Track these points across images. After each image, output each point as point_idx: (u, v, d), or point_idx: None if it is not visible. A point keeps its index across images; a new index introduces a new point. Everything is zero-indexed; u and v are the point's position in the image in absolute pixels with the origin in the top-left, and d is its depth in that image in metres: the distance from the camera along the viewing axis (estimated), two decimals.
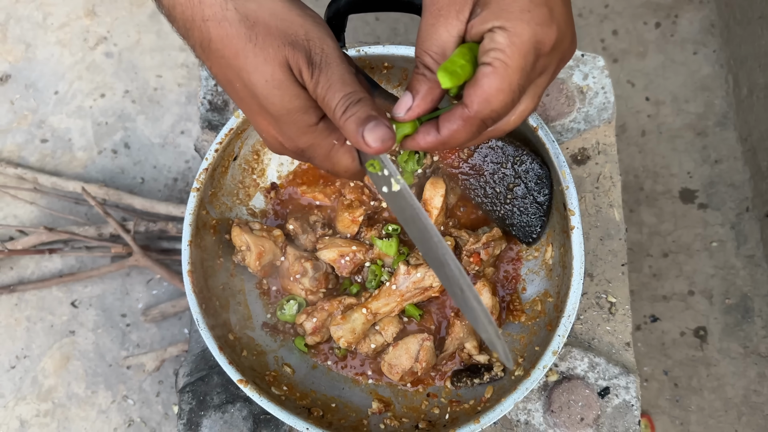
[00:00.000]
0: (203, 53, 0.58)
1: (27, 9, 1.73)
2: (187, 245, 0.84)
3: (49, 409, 1.44)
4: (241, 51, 0.56)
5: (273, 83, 0.56)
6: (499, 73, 0.53)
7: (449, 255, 0.58)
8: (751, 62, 1.47)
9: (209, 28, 0.56)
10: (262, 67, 0.56)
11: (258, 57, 0.55)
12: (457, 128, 0.56)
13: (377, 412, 0.85)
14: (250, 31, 0.55)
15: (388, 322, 0.88)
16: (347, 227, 0.93)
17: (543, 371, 0.78)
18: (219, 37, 0.56)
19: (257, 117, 0.60)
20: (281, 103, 0.57)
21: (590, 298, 0.96)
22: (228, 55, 0.56)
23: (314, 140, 0.59)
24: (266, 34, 0.55)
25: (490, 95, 0.53)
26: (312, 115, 0.58)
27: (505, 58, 0.52)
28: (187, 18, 0.57)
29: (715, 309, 1.43)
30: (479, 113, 0.54)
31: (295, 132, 0.59)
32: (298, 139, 0.59)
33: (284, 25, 0.56)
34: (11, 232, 1.53)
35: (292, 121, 0.58)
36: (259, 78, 0.56)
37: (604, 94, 1.02)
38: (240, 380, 0.79)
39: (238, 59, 0.56)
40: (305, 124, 0.58)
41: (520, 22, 0.52)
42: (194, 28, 0.57)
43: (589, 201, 0.99)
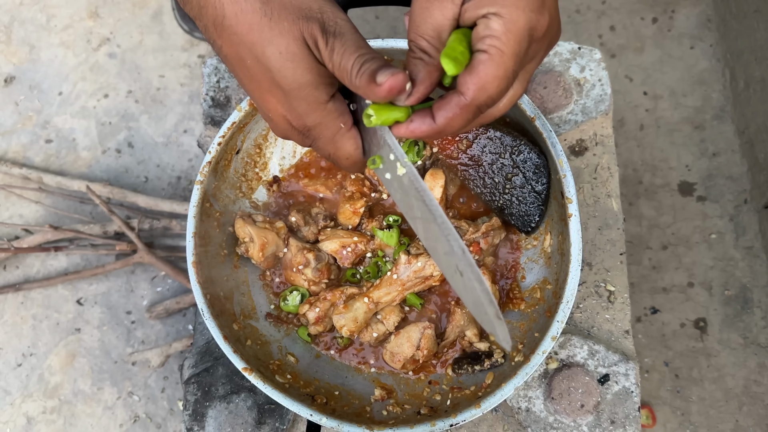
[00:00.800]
0: (216, 31, 0.59)
1: (31, 11, 1.75)
2: (192, 237, 0.85)
3: (56, 405, 1.46)
4: (256, 25, 0.56)
5: (287, 56, 0.57)
6: (495, 60, 0.53)
7: (453, 235, 0.58)
8: (748, 56, 1.48)
9: (224, 5, 0.57)
10: (277, 39, 0.56)
11: (273, 30, 0.56)
12: (453, 116, 0.56)
13: (380, 399, 0.86)
14: (265, 5, 0.56)
15: (389, 311, 0.89)
16: (349, 219, 0.94)
17: (542, 356, 0.79)
18: (233, 13, 0.57)
19: (266, 95, 0.60)
20: (294, 76, 0.57)
21: (589, 286, 0.97)
22: (241, 30, 0.57)
23: (322, 119, 0.60)
24: (281, 9, 0.56)
25: (486, 82, 0.54)
26: (323, 92, 0.59)
27: (501, 45, 0.53)
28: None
29: (715, 300, 1.44)
30: (475, 100, 0.55)
31: (305, 108, 0.59)
32: (306, 116, 0.60)
33: (298, 1, 0.57)
34: (17, 231, 1.55)
35: (303, 96, 0.58)
36: (273, 50, 0.57)
37: (601, 86, 1.03)
38: (245, 368, 0.80)
39: (252, 34, 0.57)
40: (315, 100, 0.59)
41: (516, 8, 0.53)
42: (208, 6, 0.58)
43: (587, 191, 1.00)
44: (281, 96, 0.59)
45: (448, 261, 0.59)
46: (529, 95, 1.01)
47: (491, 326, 0.59)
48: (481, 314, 0.60)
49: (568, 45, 1.05)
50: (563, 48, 1.05)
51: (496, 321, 0.58)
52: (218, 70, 1.08)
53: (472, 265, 0.58)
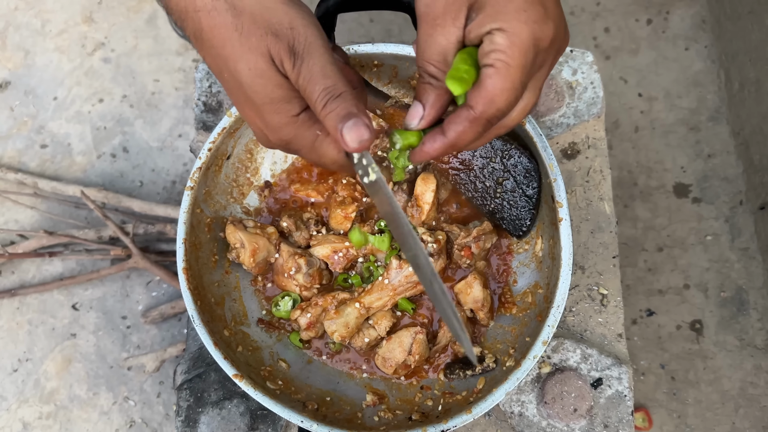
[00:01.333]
0: (197, 43, 0.60)
1: (26, 16, 1.75)
2: (182, 243, 0.85)
3: (52, 411, 1.45)
4: (228, 40, 0.57)
5: (255, 72, 0.57)
6: (501, 73, 0.54)
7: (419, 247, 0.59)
8: (742, 57, 1.48)
9: (200, 18, 0.57)
10: (246, 55, 0.57)
11: (243, 46, 0.56)
12: (463, 129, 0.57)
13: (371, 405, 0.86)
14: (237, 20, 0.56)
15: (381, 316, 0.89)
16: (340, 224, 0.94)
17: (534, 361, 0.79)
18: (209, 27, 0.57)
19: (244, 107, 0.61)
20: (264, 92, 0.58)
21: (582, 290, 0.97)
22: (216, 44, 0.58)
23: (297, 131, 0.60)
24: (251, 23, 0.56)
25: (494, 95, 0.55)
26: (295, 105, 0.59)
27: (506, 58, 0.54)
28: (181, 9, 0.58)
29: (711, 302, 1.44)
30: (485, 113, 0.56)
31: (278, 122, 0.60)
32: (281, 130, 0.60)
33: (269, 14, 0.56)
34: (12, 237, 1.55)
35: (275, 110, 0.59)
36: (243, 66, 0.57)
37: (593, 89, 1.03)
38: (235, 375, 0.80)
39: (225, 48, 0.57)
40: (288, 114, 0.59)
41: (518, 22, 0.54)
42: (188, 19, 0.58)
43: (579, 194, 1.00)
44: (255, 110, 0.60)
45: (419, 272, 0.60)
46: None
47: (458, 338, 0.60)
48: (449, 324, 0.60)
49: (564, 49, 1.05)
50: None
51: (461, 333, 0.59)
52: (210, 75, 1.08)
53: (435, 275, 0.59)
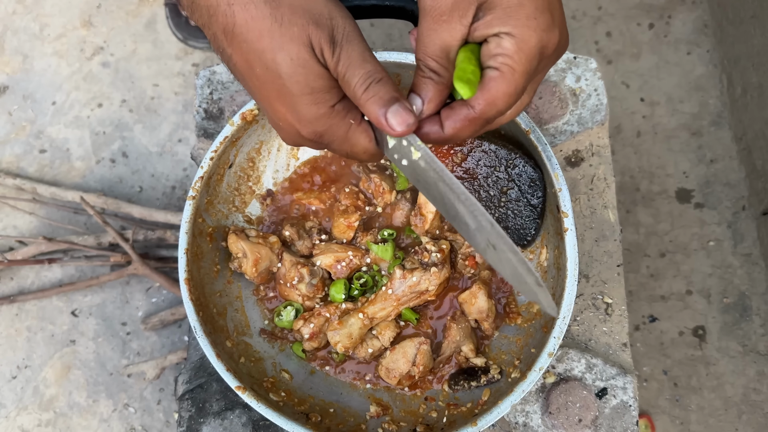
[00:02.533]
0: (226, 39, 0.59)
1: (24, 21, 1.74)
2: (184, 253, 0.84)
3: (51, 418, 1.44)
4: (266, 31, 0.56)
5: (298, 62, 0.56)
6: (506, 78, 0.55)
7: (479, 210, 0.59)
8: (745, 62, 1.48)
9: (234, 12, 0.57)
10: (288, 45, 0.56)
11: (284, 36, 0.56)
12: (461, 126, 0.58)
13: (375, 416, 0.85)
14: (276, 11, 0.56)
15: (384, 327, 0.88)
16: (343, 233, 0.93)
17: (539, 373, 0.78)
18: (244, 20, 0.56)
19: (276, 103, 0.60)
20: (306, 81, 0.57)
21: (586, 299, 0.96)
22: (251, 38, 0.57)
23: (332, 121, 0.60)
24: (291, 14, 0.56)
25: (497, 98, 0.56)
26: (333, 96, 0.59)
27: (513, 64, 0.55)
28: (211, 4, 0.57)
29: (714, 308, 1.43)
30: (484, 114, 0.57)
31: (315, 114, 0.59)
32: (316, 122, 0.60)
33: (309, 5, 0.56)
34: (11, 243, 1.54)
35: (314, 101, 0.58)
36: (284, 56, 0.56)
37: (596, 96, 1.02)
38: (238, 387, 0.79)
39: (262, 40, 0.56)
40: (326, 104, 0.59)
41: (527, 29, 0.54)
42: (218, 14, 0.57)
43: (583, 203, 1.00)
44: (290, 103, 0.59)
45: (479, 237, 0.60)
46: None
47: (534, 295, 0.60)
48: (521, 284, 0.60)
49: (563, 54, 1.04)
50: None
51: (538, 289, 0.59)
52: (211, 82, 1.07)
53: (503, 237, 0.58)
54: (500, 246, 0.58)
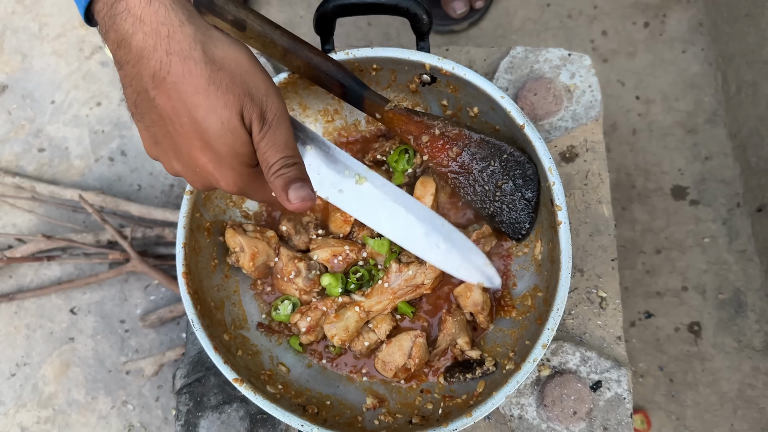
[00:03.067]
0: (153, 83, 0.59)
1: (23, 20, 1.75)
2: (182, 247, 0.85)
3: (50, 415, 1.45)
4: (203, 90, 0.59)
5: (228, 127, 0.60)
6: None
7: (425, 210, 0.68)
8: (739, 60, 1.49)
9: (171, 62, 0.58)
10: (221, 109, 0.59)
11: (219, 100, 0.59)
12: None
13: (371, 408, 0.86)
14: (215, 74, 0.59)
15: (381, 320, 0.89)
16: (340, 227, 0.94)
17: (533, 364, 0.79)
18: (180, 72, 0.58)
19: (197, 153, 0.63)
20: (232, 145, 0.61)
21: (581, 293, 0.97)
22: (186, 90, 0.59)
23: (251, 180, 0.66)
24: (230, 81, 0.59)
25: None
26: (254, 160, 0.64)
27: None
28: (147, 47, 0.58)
29: (709, 304, 1.44)
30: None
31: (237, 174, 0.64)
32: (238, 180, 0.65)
33: (247, 78, 0.61)
34: (10, 241, 1.55)
35: (237, 163, 0.63)
36: (216, 119, 0.60)
37: (591, 92, 1.03)
38: (235, 379, 0.80)
39: (196, 97, 0.59)
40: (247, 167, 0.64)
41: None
42: (153, 59, 0.58)
43: (578, 198, 1.00)
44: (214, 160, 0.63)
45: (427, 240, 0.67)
46: (519, 102, 1.01)
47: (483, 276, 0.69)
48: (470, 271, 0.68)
49: (558, 52, 1.05)
50: (553, 55, 1.05)
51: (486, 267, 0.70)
52: None
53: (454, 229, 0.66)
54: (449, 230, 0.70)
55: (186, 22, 0.58)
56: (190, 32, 0.58)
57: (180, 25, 0.58)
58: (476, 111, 0.91)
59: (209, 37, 0.60)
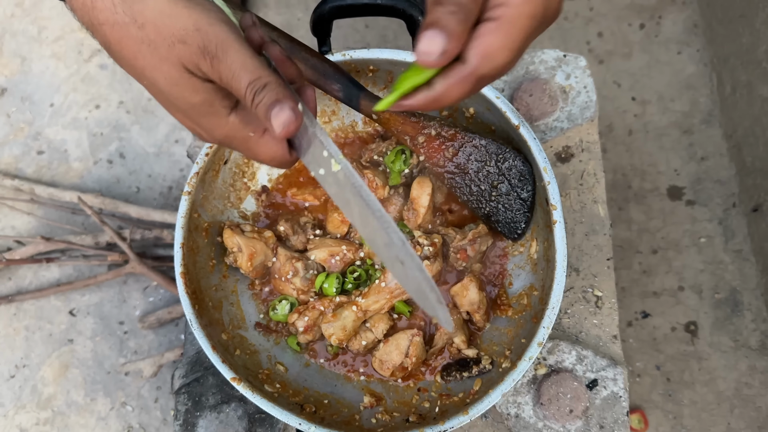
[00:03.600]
0: (110, 55, 0.58)
1: (22, 23, 1.75)
2: (180, 248, 0.86)
3: (49, 417, 1.45)
4: (138, 52, 0.56)
5: (171, 80, 0.56)
6: (504, 30, 0.50)
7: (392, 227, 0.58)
8: (734, 60, 1.50)
9: (105, 32, 0.56)
10: (160, 65, 0.56)
11: (154, 56, 0.55)
12: (451, 84, 0.53)
13: (369, 407, 0.87)
14: (141, 32, 0.55)
15: (378, 319, 0.90)
16: (337, 227, 0.95)
17: (529, 362, 0.79)
18: (116, 40, 0.56)
19: (172, 112, 0.60)
20: (183, 98, 0.57)
21: (577, 292, 0.97)
22: (127, 56, 0.56)
23: (228, 132, 0.59)
24: (156, 34, 0.55)
25: (493, 52, 0.51)
26: (219, 107, 0.58)
27: (515, 16, 0.50)
28: (86, 23, 0.57)
29: (705, 303, 1.45)
30: (478, 69, 0.52)
31: (208, 124, 0.59)
32: (213, 131, 0.60)
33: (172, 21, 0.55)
34: (9, 243, 1.55)
35: (201, 113, 0.58)
36: (159, 76, 0.56)
37: (586, 93, 1.04)
38: (233, 378, 0.81)
39: (137, 60, 0.56)
40: (215, 115, 0.58)
41: None
42: (95, 32, 0.57)
43: (573, 198, 1.01)
44: (182, 114, 0.59)
45: (388, 252, 0.59)
46: (515, 103, 1.02)
47: (433, 311, 0.60)
48: (423, 300, 0.60)
49: (553, 53, 1.06)
50: (548, 56, 1.06)
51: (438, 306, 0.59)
52: None
53: (413, 255, 0.58)
54: (408, 263, 0.58)
55: None
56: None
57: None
58: (472, 111, 0.92)
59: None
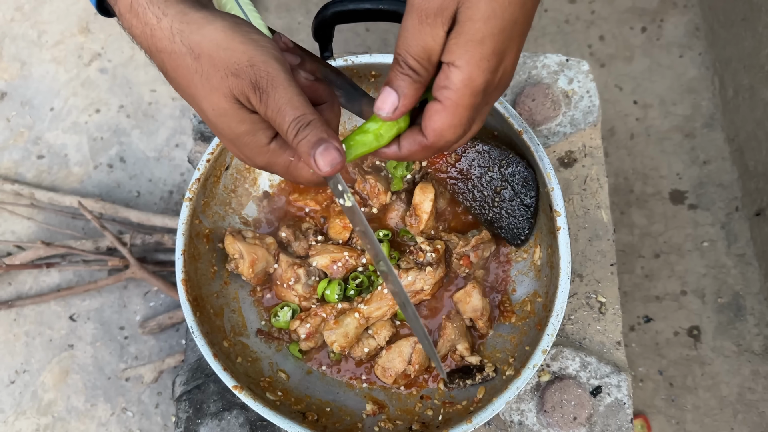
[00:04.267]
0: (167, 78, 0.61)
1: (22, 27, 1.75)
2: (181, 254, 0.85)
3: (49, 423, 1.45)
4: (191, 81, 0.58)
5: (218, 111, 0.59)
6: (449, 111, 0.59)
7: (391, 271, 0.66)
8: (736, 64, 1.49)
9: (163, 59, 0.58)
10: (209, 96, 0.58)
11: (205, 87, 0.58)
12: (415, 150, 0.63)
13: (371, 414, 0.86)
14: (196, 62, 0.57)
15: (380, 326, 0.89)
16: (339, 233, 0.94)
17: (533, 370, 0.79)
18: (172, 68, 0.59)
19: (220, 137, 0.63)
20: (229, 128, 0.60)
21: (580, 298, 0.97)
22: (182, 84, 0.59)
23: (270, 159, 0.62)
24: (210, 66, 0.57)
25: (443, 130, 0.60)
26: (262, 137, 0.61)
27: (456, 99, 0.58)
28: (145, 47, 0.60)
29: (708, 308, 1.44)
30: (435, 144, 0.61)
31: (250, 152, 0.62)
32: (255, 158, 0.63)
33: (227, 55, 0.57)
34: (9, 248, 1.55)
35: (244, 143, 0.61)
36: (207, 106, 0.59)
37: (589, 97, 1.03)
38: (235, 386, 0.80)
39: (190, 88, 0.59)
40: (257, 145, 0.61)
41: (477, 69, 0.57)
42: (153, 57, 0.60)
43: (576, 203, 1.01)
44: (227, 142, 0.62)
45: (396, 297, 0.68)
46: (518, 108, 1.02)
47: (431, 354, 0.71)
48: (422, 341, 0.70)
49: (556, 57, 1.06)
50: (551, 60, 1.05)
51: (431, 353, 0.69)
52: None
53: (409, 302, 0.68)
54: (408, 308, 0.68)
55: (162, 16, 0.57)
56: (167, 26, 0.57)
57: (158, 21, 0.57)
58: None
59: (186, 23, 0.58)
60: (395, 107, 0.59)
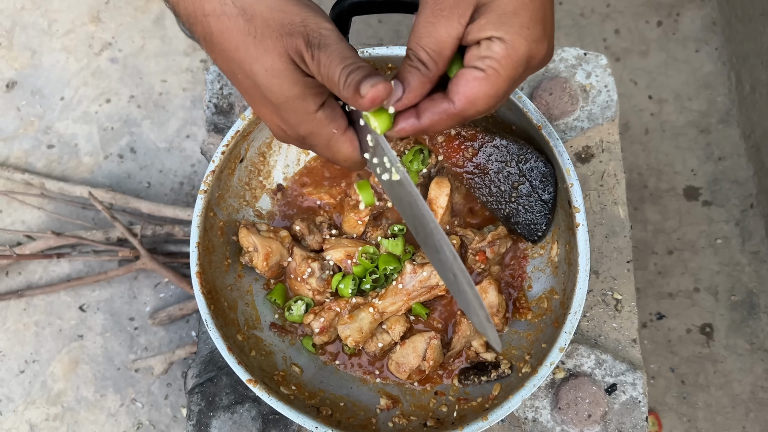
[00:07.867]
0: (207, 46, 0.61)
1: (32, 16, 1.74)
2: (195, 247, 0.85)
3: (59, 413, 1.45)
4: (242, 43, 0.58)
5: (272, 72, 0.58)
6: (490, 80, 0.56)
7: (444, 240, 0.61)
8: (753, 59, 1.47)
9: (210, 23, 0.58)
10: (262, 57, 0.58)
11: (258, 48, 0.58)
12: (438, 119, 0.59)
13: (386, 409, 0.86)
14: (249, 24, 0.57)
15: (395, 321, 0.88)
16: (353, 227, 0.93)
17: (550, 368, 0.78)
18: (219, 31, 0.58)
19: (260, 106, 0.62)
20: (280, 90, 0.59)
21: (596, 295, 0.96)
22: (229, 48, 0.59)
23: (314, 128, 0.61)
24: (264, 27, 0.57)
25: (477, 98, 0.57)
26: (311, 103, 0.60)
27: (500, 68, 0.56)
28: (189, 14, 0.59)
29: (721, 305, 1.43)
30: (464, 111, 0.58)
31: (296, 119, 0.61)
32: (299, 127, 0.62)
33: (281, 16, 0.58)
34: (19, 238, 1.55)
35: (292, 108, 0.60)
36: (259, 68, 0.58)
37: (607, 92, 1.02)
38: (249, 380, 0.80)
39: (238, 52, 0.58)
40: (304, 111, 0.60)
41: (519, 37, 0.55)
42: (197, 23, 0.59)
43: (593, 199, 1.00)
44: (273, 108, 0.61)
45: (443, 265, 0.63)
46: (535, 102, 1.00)
47: (483, 328, 0.63)
48: (473, 315, 0.63)
49: (573, 51, 1.04)
50: (569, 54, 1.04)
51: (487, 324, 0.62)
52: (221, 77, 1.07)
53: (463, 270, 0.61)
54: (459, 277, 0.62)
55: None
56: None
57: None
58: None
59: None
60: (399, 99, 0.58)
